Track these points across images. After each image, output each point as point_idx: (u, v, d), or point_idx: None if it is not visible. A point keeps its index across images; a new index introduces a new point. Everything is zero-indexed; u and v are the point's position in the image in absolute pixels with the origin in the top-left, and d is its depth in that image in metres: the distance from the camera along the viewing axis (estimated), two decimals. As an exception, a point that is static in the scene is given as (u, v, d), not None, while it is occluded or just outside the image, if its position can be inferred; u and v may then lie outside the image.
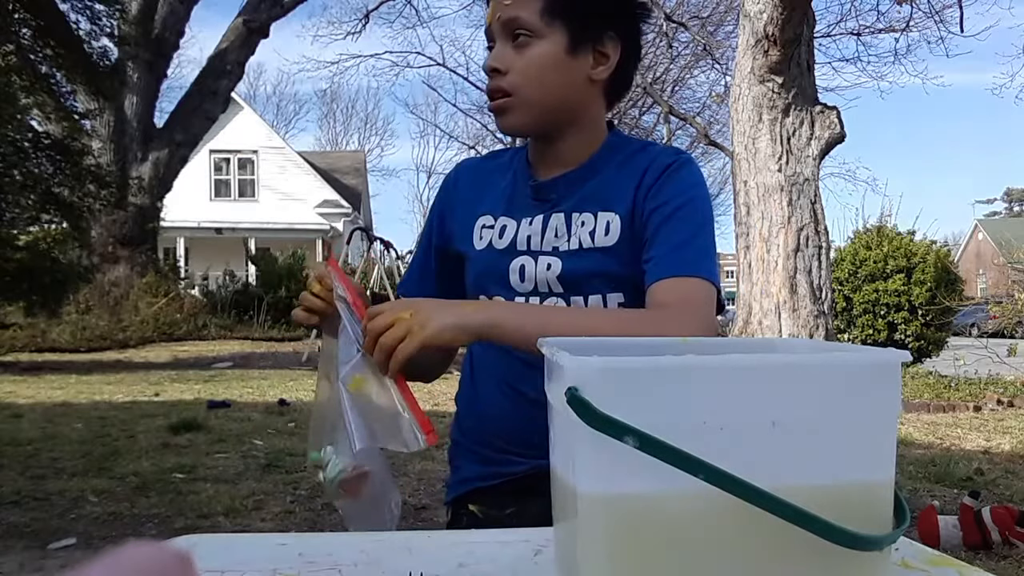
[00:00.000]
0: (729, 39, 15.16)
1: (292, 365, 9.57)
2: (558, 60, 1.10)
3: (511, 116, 1.13)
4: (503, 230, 1.18)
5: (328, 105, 43.50)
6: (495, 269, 1.17)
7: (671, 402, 0.53)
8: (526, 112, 1.13)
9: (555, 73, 1.11)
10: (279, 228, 21.93)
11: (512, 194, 1.21)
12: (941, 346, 11.31)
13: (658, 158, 1.16)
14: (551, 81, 1.11)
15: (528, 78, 1.10)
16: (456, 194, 1.26)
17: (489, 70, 1.11)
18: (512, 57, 1.10)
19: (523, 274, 1.15)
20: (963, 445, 5.23)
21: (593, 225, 1.14)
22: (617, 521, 0.54)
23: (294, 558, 0.71)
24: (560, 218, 1.16)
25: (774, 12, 5.64)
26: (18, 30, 7.90)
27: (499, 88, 1.11)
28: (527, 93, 1.11)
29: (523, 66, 1.10)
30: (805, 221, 6.07)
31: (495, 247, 1.18)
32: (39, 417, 5.51)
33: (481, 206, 1.22)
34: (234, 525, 3.17)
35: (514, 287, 1.16)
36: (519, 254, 1.16)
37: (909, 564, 0.70)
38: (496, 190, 1.23)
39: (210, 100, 14.23)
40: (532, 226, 1.16)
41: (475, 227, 1.21)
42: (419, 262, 1.30)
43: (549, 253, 1.14)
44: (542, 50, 1.10)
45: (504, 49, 1.11)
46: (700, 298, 1.06)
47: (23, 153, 7.95)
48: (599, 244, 1.13)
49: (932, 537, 3.03)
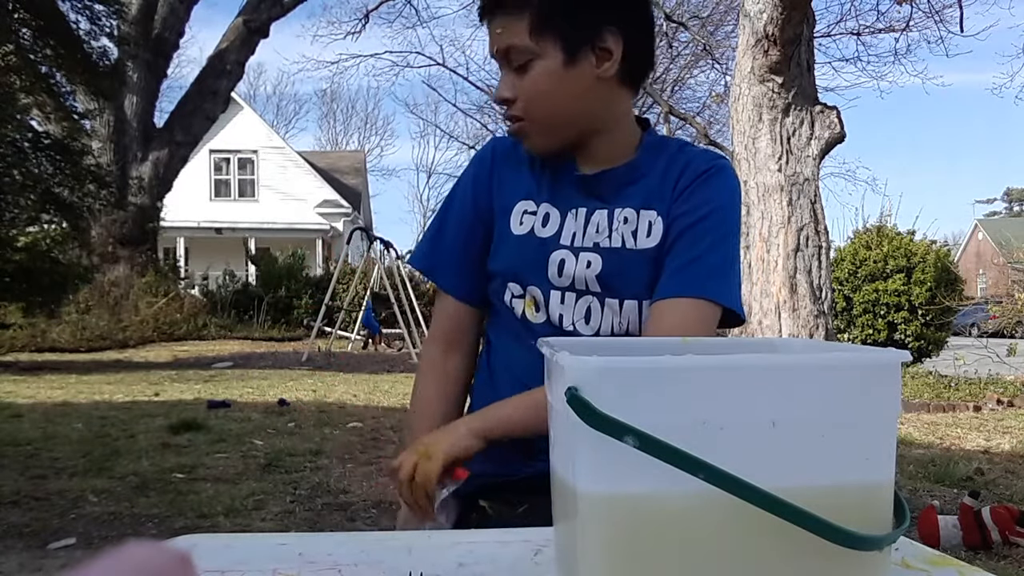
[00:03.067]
0: (729, 39, 15.17)
1: (292, 365, 9.57)
2: (559, 74, 1.09)
3: (533, 139, 1.14)
4: (547, 218, 1.17)
5: (328, 105, 43.59)
6: (535, 258, 1.15)
7: (671, 402, 0.53)
8: (545, 132, 1.13)
9: (560, 87, 1.10)
10: (279, 228, 21.93)
11: (554, 182, 1.18)
12: (941, 346, 11.30)
13: (693, 162, 1.15)
14: (558, 96, 1.10)
15: (535, 100, 1.10)
16: (495, 170, 1.23)
17: (499, 101, 1.12)
18: (516, 83, 1.10)
19: (562, 269, 1.14)
20: (963, 445, 5.23)
21: (635, 224, 1.13)
22: (617, 521, 0.54)
23: (294, 558, 0.71)
24: (603, 214, 1.14)
25: (774, 12, 5.64)
26: (18, 30, 7.89)
27: (513, 116, 1.12)
28: (539, 114, 1.11)
29: (527, 89, 1.10)
30: (805, 221, 6.08)
31: (537, 235, 1.16)
32: (39, 417, 5.51)
33: (520, 189, 1.20)
34: (234, 525, 3.17)
35: (551, 280, 1.15)
36: (560, 247, 1.14)
37: (909, 564, 0.70)
38: (536, 175, 1.20)
39: (210, 100, 14.23)
40: (578, 220, 1.15)
41: (514, 210, 1.19)
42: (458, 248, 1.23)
43: (590, 249, 1.13)
44: (541, 69, 1.09)
45: (508, 77, 1.11)
46: (691, 324, 1.05)
47: (23, 153, 7.95)
48: (641, 245, 1.12)
49: (932, 537, 3.03)
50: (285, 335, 13.62)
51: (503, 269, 1.19)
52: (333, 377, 8.28)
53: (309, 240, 21.80)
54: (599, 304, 1.13)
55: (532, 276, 1.16)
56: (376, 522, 3.28)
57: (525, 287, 1.17)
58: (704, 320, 1.06)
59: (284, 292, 14.78)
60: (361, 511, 3.44)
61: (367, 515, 3.40)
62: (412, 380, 1.29)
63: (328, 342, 11.31)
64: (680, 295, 1.07)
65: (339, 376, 8.37)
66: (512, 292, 1.18)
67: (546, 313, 1.15)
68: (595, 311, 1.13)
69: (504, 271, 1.19)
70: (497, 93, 1.13)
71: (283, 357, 10.49)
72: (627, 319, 1.13)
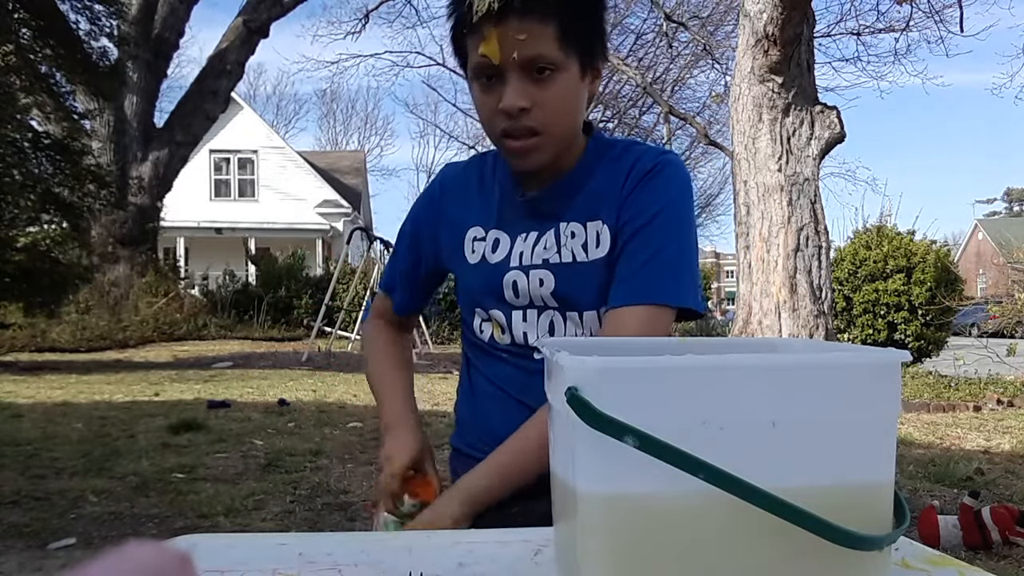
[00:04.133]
0: (729, 39, 15.16)
1: (292, 365, 9.57)
2: (578, 89, 1.08)
3: (538, 155, 1.08)
4: (496, 244, 1.17)
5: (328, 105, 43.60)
6: (490, 283, 1.16)
7: (671, 402, 0.53)
8: (552, 148, 1.09)
9: (576, 102, 1.09)
10: (279, 228, 21.93)
11: (501, 207, 1.18)
12: (941, 346, 11.31)
13: (639, 161, 1.12)
14: (574, 111, 1.09)
15: (557, 113, 1.06)
16: (444, 209, 1.23)
17: (516, 110, 1.04)
18: (536, 93, 1.04)
19: (516, 289, 1.14)
20: (963, 445, 5.23)
21: (584, 237, 1.11)
22: (617, 521, 0.54)
23: (294, 558, 0.71)
24: (551, 232, 1.14)
25: (774, 12, 5.65)
26: (18, 30, 7.89)
27: (526, 128, 1.05)
28: (557, 130, 1.08)
29: (551, 101, 1.05)
30: (805, 221, 6.08)
31: (489, 261, 1.16)
32: (39, 417, 5.51)
33: (470, 217, 1.20)
34: (234, 525, 3.17)
35: (509, 301, 1.15)
36: (511, 269, 1.14)
37: (909, 564, 0.70)
38: (484, 201, 1.20)
39: (210, 100, 14.23)
40: (527, 242, 1.15)
41: (465, 239, 1.19)
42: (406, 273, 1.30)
43: (540, 267, 1.13)
44: (566, 82, 1.06)
45: (525, 85, 1.04)
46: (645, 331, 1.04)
47: (23, 153, 7.95)
48: (592, 257, 1.11)
49: (932, 537, 3.03)
50: (285, 335, 13.62)
51: (466, 298, 1.22)
52: (333, 377, 8.28)
53: (309, 240, 21.80)
54: (561, 317, 1.13)
55: (491, 301, 1.17)
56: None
57: (488, 312, 1.18)
58: (658, 325, 1.05)
59: (284, 292, 14.78)
60: (361, 511, 3.44)
61: (367, 515, 3.40)
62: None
63: (328, 342, 11.31)
64: (632, 303, 1.06)
65: (339, 376, 8.37)
66: (480, 317, 1.20)
67: (511, 334, 1.16)
68: (558, 325, 1.13)
69: (467, 300, 1.21)
70: (509, 101, 1.04)
71: (283, 357, 10.49)
72: (589, 329, 1.12)
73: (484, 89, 1.08)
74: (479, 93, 1.09)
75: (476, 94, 1.09)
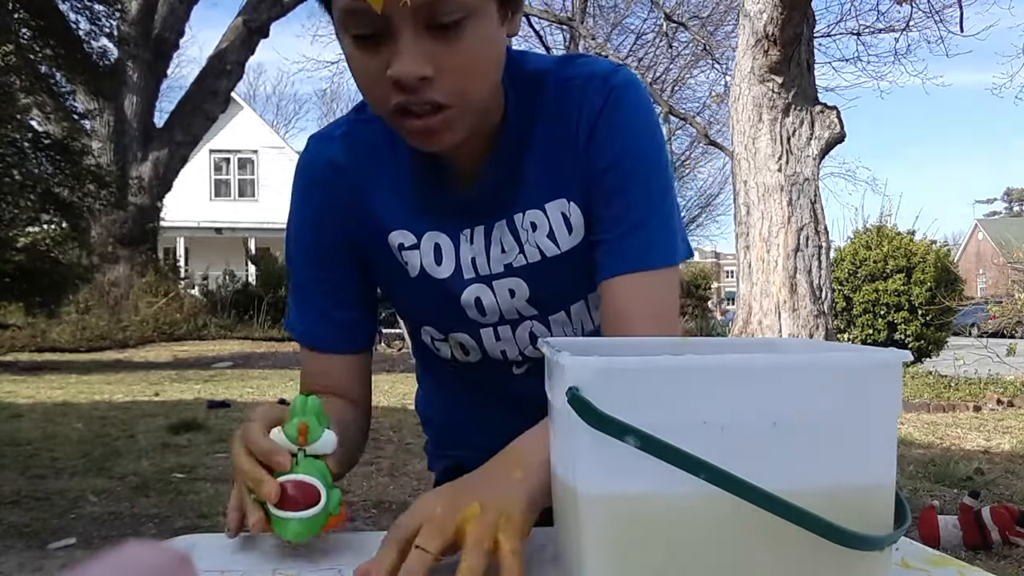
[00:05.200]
0: (729, 39, 15.16)
1: (292, 365, 9.57)
2: (496, 38, 0.77)
3: (449, 134, 0.78)
4: (437, 251, 0.90)
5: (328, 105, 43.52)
6: (442, 303, 0.92)
7: (672, 402, 0.53)
8: (468, 121, 0.79)
9: (496, 56, 0.79)
10: (279, 228, 21.74)
11: (424, 198, 0.89)
12: (941, 346, 11.31)
13: (586, 97, 0.85)
14: (493, 68, 0.79)
15: (470, 78, 0.76)
16: (342, 208, 0.90)
17: (414, 81, 0.72)
18: (441, 55, 0.73)
19: (481, 306, 0.92)
20: (963, 445, 5.23)
21: (548, 225, 0.88)
22: (617, 521, 0.54)
23: (294, 558, 0.71)
24: (502, 227, 0.89)
25: (774, 12, 5.65)
26: (18, 30, 7.89)
27: (430, 102, 0.74)
28: (472, 98, 0.77)
29: (462, 64, 0.74)
30: (805, 221, 6.08)
31: (432, 275, 0.90)
32: (39, 417, 5.51)
33: (387, 217, 0.90)
34: (234, 525, 3.17)
35: (475, 320, 0.93)
36: (467, 283, 0.91)
37: (909, 564, 0.70)
38: (397, 191, 0.89)
39: (210, 100, 14.24)
40: (474, 245, 0.90)
41: (390, 248, 0.91)
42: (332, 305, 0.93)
43: (503, 275, 0.90)
44: (480, 32, 0.74)
45: (422, 44, 0.72)
46: (669, 302, 0.87)
47: (23, 153, 7.96)
48: (565, 247, 0.89)
49: (932, 537, 3.03)
50: (285, 335, 13.56)
51: (408, 315, 0.98)
52: (333, 377, 8.28)
53: (309, 240, 21.79)
54: (543, 325, 0.94)
55: (449, 322, 0.94)
56: (376, 522, 3.28)
57: (446, 334, 0.96)
58: (676, 294, 0.89)
59: (284, 292, 14.77)
60: (361, 511, 3.44)
61: (367, 515, 3.40)
62: (412, 380, 1.22)
63: (328, 342, 11.30)
64: (643, 268, 0.86)
65: (339, 376, 8.36)
66: (431, 335, 0.98)
67: (481, 352, 0.96)
68: (541, 333, 0.94)
69: (411, 317, 0.98)
70: (403, 68, 0.71)
71: (283, 357, 10.49)
72: (579, 322, 0.95)
73: (363, 48, 0.74)
74: (354, 51, 0.75)
75: (350, 52, 0.76)
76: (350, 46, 0.75)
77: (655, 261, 0.86)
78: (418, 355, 1.07)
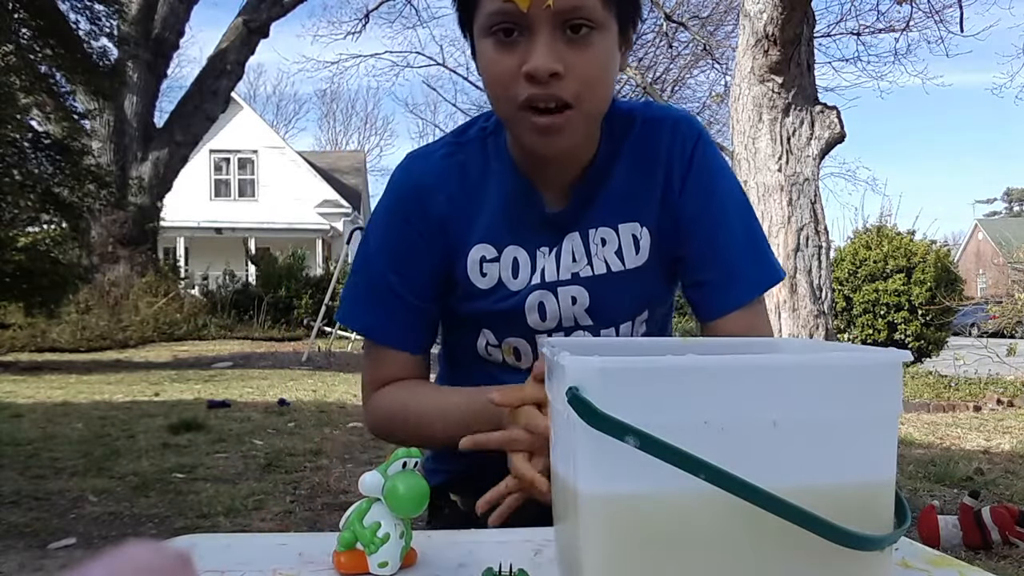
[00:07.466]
0: (729, 39, 15.17)
1: (292, 365, 9.57)
2: (615, 56, 0.88)
3: (569, 135, 0.87)
4: (515, 265, 0.97)
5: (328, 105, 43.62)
6: (508, 310, 0.98)
7: (672, 402, 0.53)
8: (583, 128, 0.89)
9: (613, 73, 0.89)
10: (279, 228, 21.93)
11: (513, 214, 0.97)
12: (941, 346, 11.31)
13: (676, 139, 0.96)
14: (610, 83, 0.89)
15: (592, 84, 0.85)
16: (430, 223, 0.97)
17: (547, 75, 0.82)
18: (570, 56, 0.83)
19: (543, 311, 0.98)
20: (963, 445, 5.23)
21: (617, 242, 0.96)
22: (617, 521, 0.54)
23: (294, 558, 0.71)
24: (575, 238, 0.97)
25: (774, 12, 5.64)
26: (18, 30, 7.89)
27: (557, 98, 0.83)
28: (590, 105, 0.87)
29: (586, 67, 0.84)
30: (805, 221, 6.08)
31: (507, 287, 0.97)
32: (39, 417, 5.51)
33: (471, 231, 0.97)
34: (234, 525, 3.17)
35: (533, 327, 0.99)
36: (533, 288, 0.97)
37: (909, 564, 0.70)
38: (485, 206, 0.97)
39: (210, 100, 14.24)
40: (548, 256, 0.97)
41: (469, 261, 0.98)
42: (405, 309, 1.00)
43: (570, 282, 0.97)
44: (604, 46, 0.85)
45: (557, 44, 0.82)
46: (759, 328, 0.97)
47: (23, 153, 7.95)
48: (630, 265, 0.97)
49: (932, 537, 3.03)
50: (285, 335, 13.61)
51: (471, 319, 1.03)
52: (333, 377, 8.28)
53: (309, 240, 21.80)
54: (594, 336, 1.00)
55: (509, 329, 1.00)
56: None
57: (502, 340, 1.01)
58: (765, 313, 1.02)
59: (284, 292, 14.78)
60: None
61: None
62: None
63: (328, 342, 11.31)
64: (750, 300, 0.98)
65: (339, 376, 8.37)
66: (487, 340, 1.03)
67: (533, 358, 1.01)
68: None
69: (473, 321, 1.03)
70: (540, 62, 0.81)
71: (283, 357, 10.49)
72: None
73: (501, 47, 0.84)
74: (493, 51, 0.85)
75: (488, 53, 0.86)
76: (489, 47, 0.85)
77: (763, 287, 0.99)
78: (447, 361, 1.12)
